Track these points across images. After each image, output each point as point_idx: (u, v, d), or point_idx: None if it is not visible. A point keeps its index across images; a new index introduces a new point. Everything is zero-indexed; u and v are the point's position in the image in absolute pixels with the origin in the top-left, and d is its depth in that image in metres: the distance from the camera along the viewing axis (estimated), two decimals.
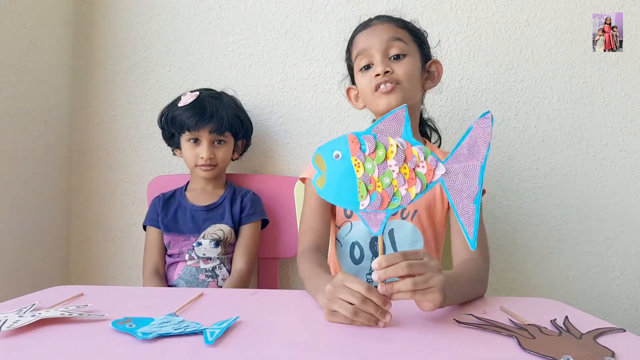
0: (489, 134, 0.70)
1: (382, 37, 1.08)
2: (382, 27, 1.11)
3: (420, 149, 0.70)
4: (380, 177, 0.70)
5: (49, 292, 0.89)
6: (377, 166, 0.70)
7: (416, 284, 0.70)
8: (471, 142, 0.71)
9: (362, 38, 1.13)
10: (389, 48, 1.08)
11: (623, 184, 1.59)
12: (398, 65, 1.07)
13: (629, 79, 1.58)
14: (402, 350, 0.62)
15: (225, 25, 1.60)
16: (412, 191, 0.70)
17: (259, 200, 1.46)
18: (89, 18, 1.61)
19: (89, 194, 1.61)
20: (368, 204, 0.70)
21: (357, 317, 0.70)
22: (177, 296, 0.87)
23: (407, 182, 0.70)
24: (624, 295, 1.60)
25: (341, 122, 1.59)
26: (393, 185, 0.70)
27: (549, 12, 1.58)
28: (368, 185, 0.70)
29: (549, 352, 0.59)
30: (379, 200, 0.70)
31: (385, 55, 1.08)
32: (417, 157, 0.70)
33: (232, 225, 1.39)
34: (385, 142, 0.70)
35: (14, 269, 1.35)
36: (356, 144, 0.70)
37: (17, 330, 0.65)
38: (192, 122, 1.34)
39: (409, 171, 0.70)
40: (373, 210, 0.71)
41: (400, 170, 0.70)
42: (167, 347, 0.60)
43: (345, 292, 0.71)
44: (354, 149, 0.71)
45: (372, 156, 0.70)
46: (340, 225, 1.17)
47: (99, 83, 1.61)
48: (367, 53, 1.09)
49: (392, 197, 0.70)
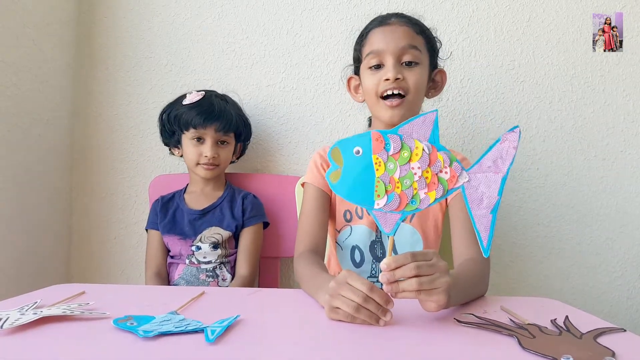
0: (515, 148, 0.69)
1: (398, 42, 1.06)
2: (401, 30, 1.08)
3: (446, 155, 0.70)
4: (401, 178, 0.70)
5: (50, 291, 0.90)
6: (400, 167, 0.70)
7: (421, 284, 0.70)
8: (497, 154, 0.70)
9: (377, 37, 1.10)
10: (403, 54, 1.06)
11: (624, 184, 1.59)
12: (409, 73, 1.06)
13: (631, 79, 1.58)
14: (402, 349, 0.62)
15: (227, 24, 1.60)
16: (432, 195, 0.70)
17: (259, 202, 1.45)
18: (91, 18, 1.61)
19: (91, 193, 1.62)
20: (384, 204, 0.70)
21: (358, 314, 0.70)
22: (178, 295, 0.88)
23: (427, 186, 0.70)
24: (624, 295, 1.60)
25: (342, 121, 1.59)
26: (413, 187, 0.70)
27: (550, 12, 1.58)
28: (387, 185, 0.70)
29: (549, 351, 0.60)
30: (396, 201, 0.70)
31: (398, 61, 1.06)
32: (442, 162, 0.70)
33: (231, 226, 1.38)
34: (411, 144, 0.70)
35: (16, 268, 1.36)
36: (380, 142, 0.70)
37: (18, 328, 0.65)
38: (199, 120, 1.34)
39: (431, 175, 0.70)
40: (389, 211, 0.71)
41: (422, 173, 0.70)
42: (169, 345, 0.61)
43: (348, 289, 0.72)
44: (378, 147, 0.70)
45: (395, 156, 0.70)
46: (340, 229, 1.17)
47: (101, 83, 1.61)
48: (381, 55, 1.07)
49: (411, 200, 0.70)
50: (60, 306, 0.74)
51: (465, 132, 1.57)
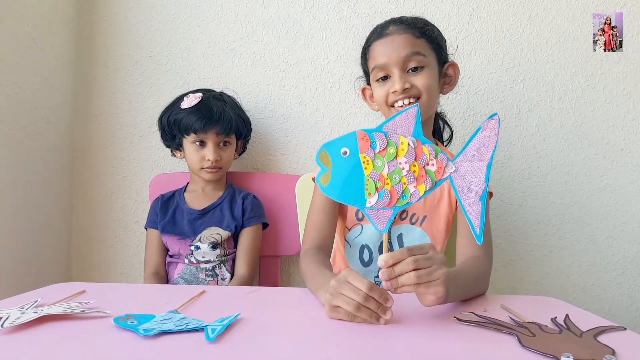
0: (496, 135, 0.71)
1: (400, 52, 1.06)
2: (400, 39, 1.07)
3: (431, 147, 0.71)
4: (390, 174, 0.71)
5: (50, 290, 0.90)
6: (387, 163, 0.70)
7: (420, 277, 0.70)
8: (479, 142, 0.72)
9: (378, 50, 1.10)
10: (407, 62, 1.06)
11: (624, 182, 1.59)
12: (417, 78, 1.06)
13: (631, 77, 1.58)
14: (402, 348, 0.62)
15: (227, 23, 1.60)
16: (422, 188, 0.71)
17: (259, 203, 1.45)
18: (91, 17, 1.61)
19: (91, 192, 1.62)
20: (376, 201, 0.71)
21: (359, 313, 0.71)
22: (178, 293, 0.88)
23: (416, 179, 0.71)
24: (625, 293, 1.60)
25: (342, 120, 1.59)
26: (402, 182, 0.71)
27: (551, 11, 1.58)
28: (377, 182, 0.71)
29: (550, 350, 0.60)
30: (387, 197, 0.71)
31: (403, 70, 1.06)
32: (427, 155, 0.71)
33: (231, 227, 1.38)
34: (396, 140, 0.71)
35: (16, 267, 1.36)
36: (366, 141, 0.71)
37: (19, 326, 0.65)
38: (199, 125, 1.33)
39: (418, 169, 0.71)
40: (381, 208, 0.71)
41: (410, 168, 0.71)
42: (169, 343, 0.61)
43: (348, 288, 0.72)
44: (364, 146, 0.71)
45: (382, 153, 0.71)
46: (351, 228, 1.16)
47: (101, 81, 1.61)
48: (386, 68, 1.08)
49: (401, 195, 0.71)
50: (60, 305, 0.75)
51: (465, 130, 1.57)
